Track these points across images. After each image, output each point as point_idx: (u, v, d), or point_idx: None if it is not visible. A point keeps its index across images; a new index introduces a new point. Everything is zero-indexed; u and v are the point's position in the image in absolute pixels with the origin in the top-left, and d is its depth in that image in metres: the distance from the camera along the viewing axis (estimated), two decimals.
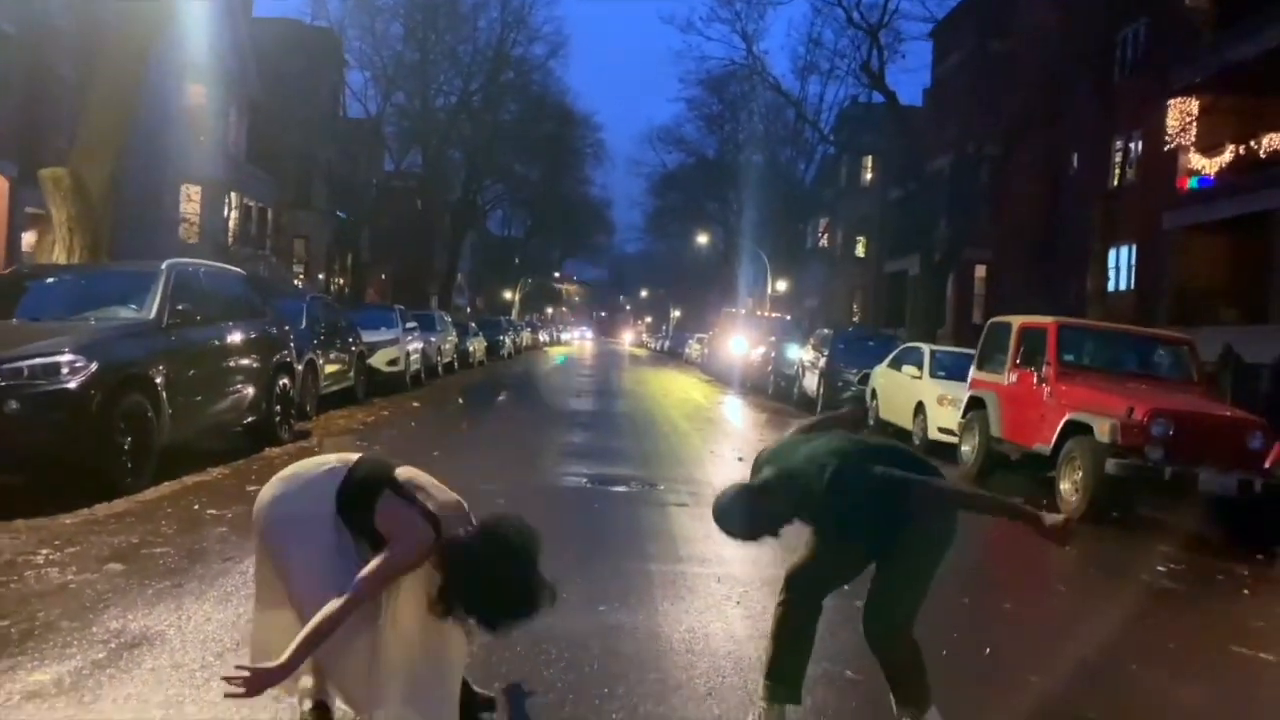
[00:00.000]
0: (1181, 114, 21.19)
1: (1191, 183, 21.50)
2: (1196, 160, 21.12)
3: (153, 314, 7.54)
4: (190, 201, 28.03)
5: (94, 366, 6.44)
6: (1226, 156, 20.42)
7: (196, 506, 6.43)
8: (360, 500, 2.99)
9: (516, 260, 60.81)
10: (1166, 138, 21.37)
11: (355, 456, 3.18)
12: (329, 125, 33.96)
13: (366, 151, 36.90)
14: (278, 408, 9.44)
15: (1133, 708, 3.85)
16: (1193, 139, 21.05)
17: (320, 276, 36.23)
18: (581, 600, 4.76)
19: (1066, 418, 8.63)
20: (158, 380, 7.15)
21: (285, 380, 9.66)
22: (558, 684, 3.65)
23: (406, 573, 2.98)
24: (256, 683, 2.80)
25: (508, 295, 60.41)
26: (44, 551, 5.08)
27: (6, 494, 6.32)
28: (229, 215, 29.89)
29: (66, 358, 6.35)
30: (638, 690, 3.64)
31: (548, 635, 4.16)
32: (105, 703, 3.23)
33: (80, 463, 6.40)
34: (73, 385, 6.29)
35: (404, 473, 3.10)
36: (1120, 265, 24.66)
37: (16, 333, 6.96)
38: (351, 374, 14.01)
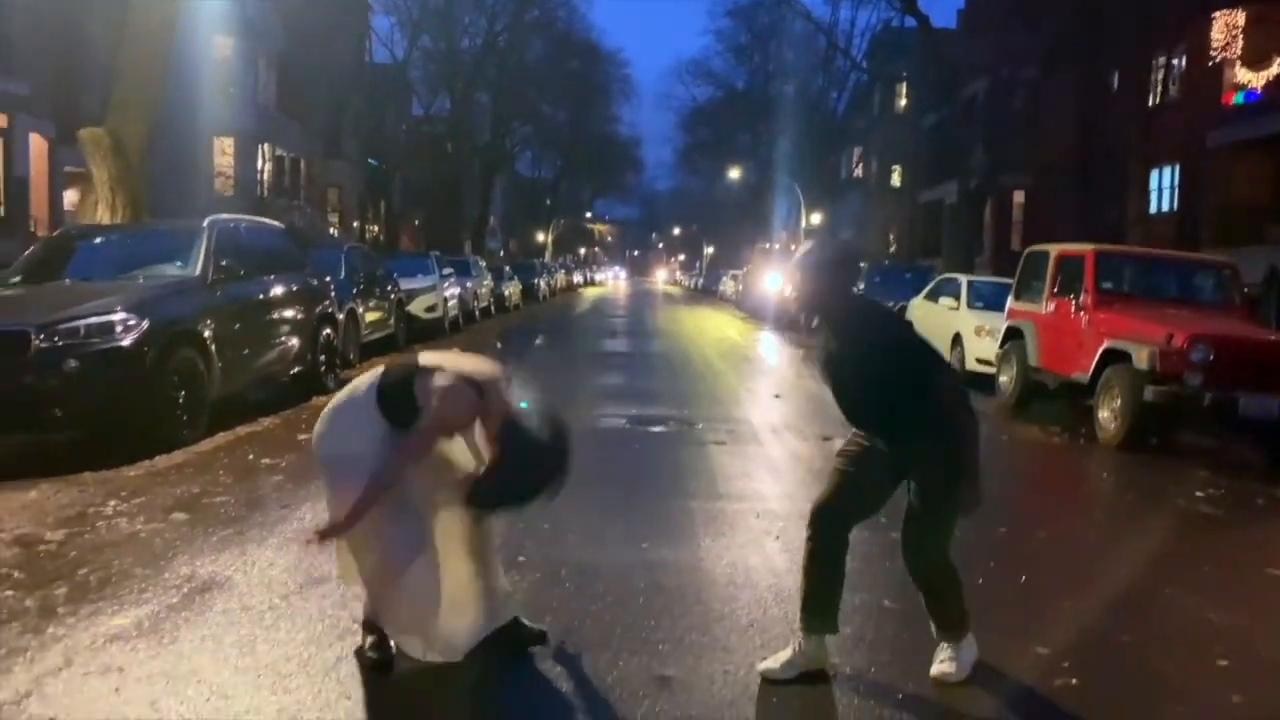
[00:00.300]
0: (1227, 26, 20.49)
1: (1237, 98, 20.87)
2: (1243, 74, 20.47)
3: (198, 271, 7.74)
4: (224, 155, 28.25)
5: (146, 324, 6.65)
6: (1274, 69, 19.77)
7: (251, 456, 6.66)
8: (399, 395, 3.15)
9: (548, 202, 60.65)
10: (1211, 52, 20.71)
11: (381, 368, 3.33)
12: (356, 72, 33.85)
13: (394, 97, 36.79)
14: (322, 357, 9.66)
15: (1166, 631, 3.93)
16: (1239, 52, 20.38)
17: (355, 224, 36.46)
18: (626, 537, 4.93)
19: (1105, 346, 8.59)
20: (206, 335, 7.36)
21: (328, 330, 9.86)
22: (606, 617, 3.81)
23: (450, 431, 3.15)
24: (323, 537, 3.16)
25: (540, 237, 60.40)
26: (112, 503, 5.33)
27: (70, 449, 6.60)
28: (263, 168, 30.08)
29: (119, 316, 6.56)
30: (682, 622, 3.79)
31: (595, 571, 4.34)
32: (183, 644, 3.44)
33: (138, 417, 6.65)
34: (126, 343, 6.51)
35: (429, 358, 3.26)
36: (1162, 186, 24.11)
37: (70, 293, 7.18)
38: (391, 321, 14.24)
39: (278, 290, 8.91)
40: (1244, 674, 3.50)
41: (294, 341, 9.08)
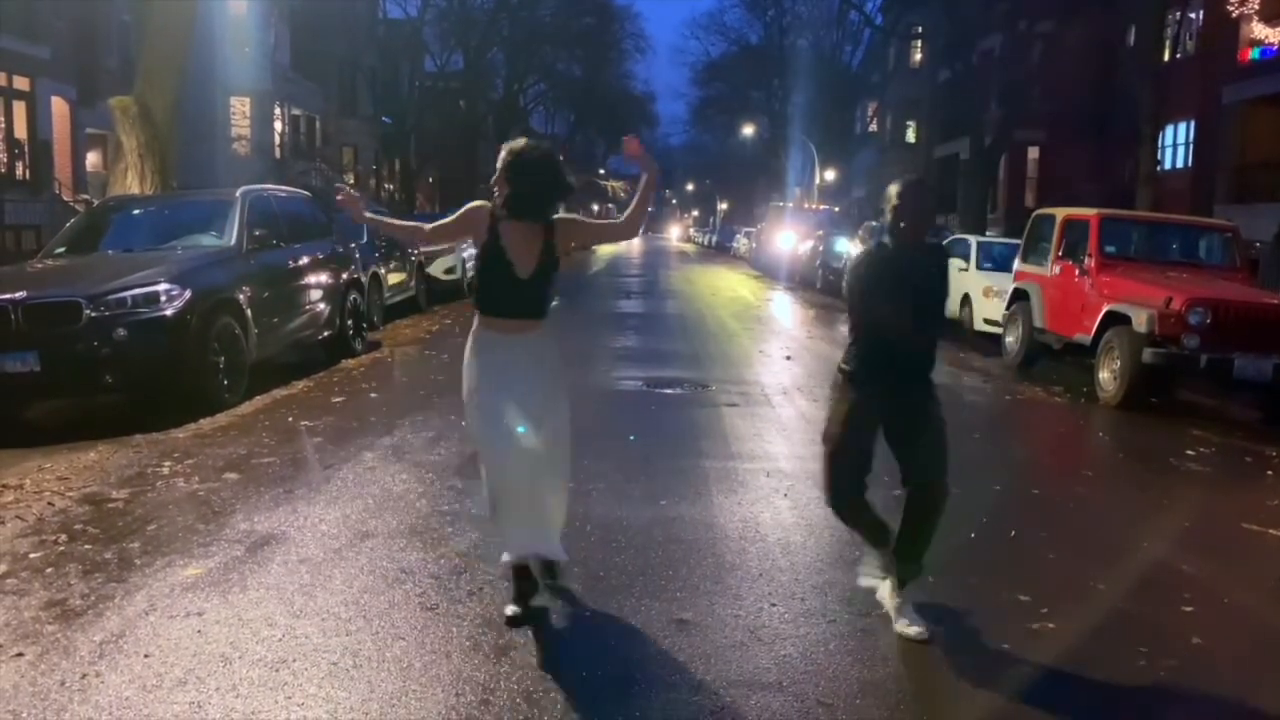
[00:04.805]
0: None
1: (1254, 53, 20.79)
2: (1259, 30, 20.34)
3: (233, 241, 8.10)
4: (242, 117, 28.41)
5: (188, 294, 7.03)
6: None
7: (290, 419, 7.06)
8: None
9: (560, 158, 60.50)
10: (1229, 7, 20.57)
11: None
12: (369, 29, 33.86)
13: (408, 54, 36.80)
14: (349, 322, 10.04)
15: (1139, 580, 4.28)
16: (1256, 7, 20.24)
17: (371, 184, 36.68)
18: (644, 495, 5.31)
19: (1106, 309, 8.87)
20: (243, 303, 7.74)
21: (355, 295, 10.23)
22: (628, 567, 4.19)
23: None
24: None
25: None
26: (166, 463, 5.74)
27: (119, 412, 7.03)
28: (283, 131, 30.24)
29: (163, 287, 6.93)
30: (697, 572, 4.17)
31: (617, 526, 4.73)
32: (251, 591, 3.85)
33: (183, 382, 7.06)
34: (170, 312, 6.89)
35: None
36: (1177, 142, 24.07)
37: (114, 265, 7.55)
38: (412, 284, 14.59)
39: (307, 258, 9.26)
40: (1206, 618, 3.86)
41: (323, 307, 9.45)
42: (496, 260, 3.58)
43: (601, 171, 74.37)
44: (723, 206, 77.77)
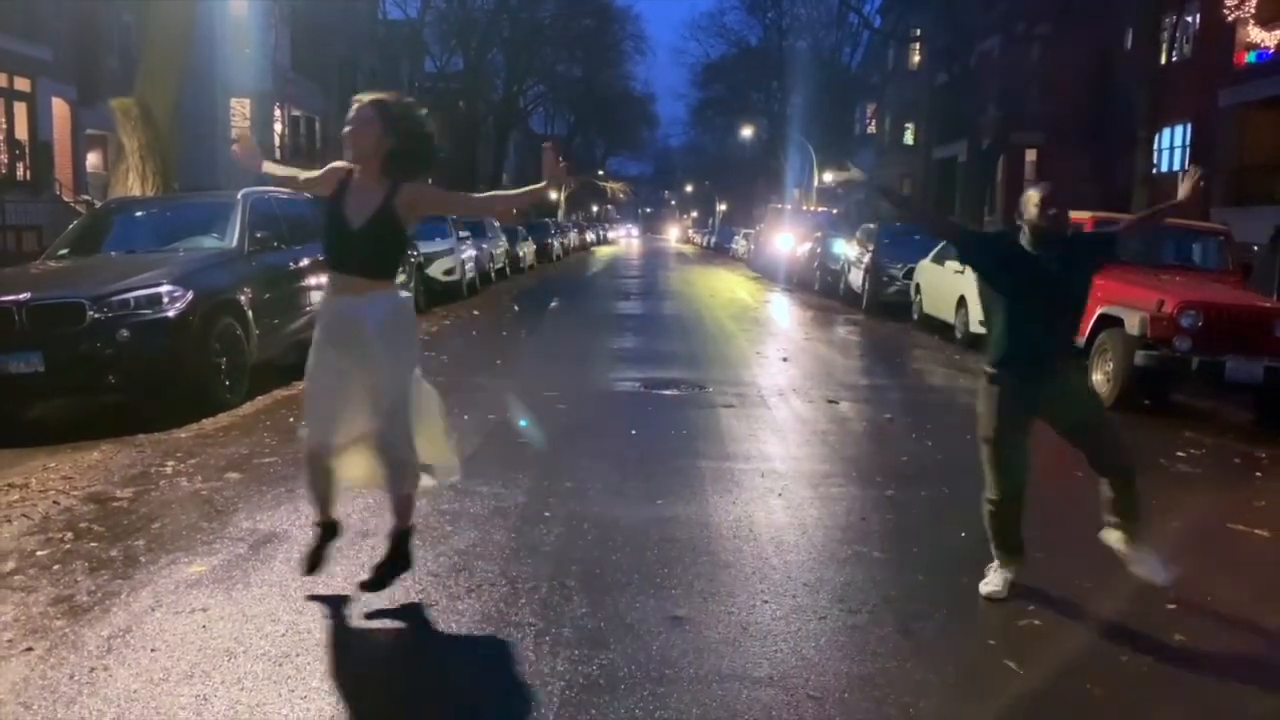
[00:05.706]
0: None
1: (1250, 57, 20.93)
2: (1255, 34, 20.49)
3: (234, 243, 8.18)
4: (242, 118, 28.48)
5: (190, 295, 7.11)
6: None
7: (291, 419, 7.11)
8: None
9: (561, 159, 60.63)
10: (1225, 10, 20.70)
11: None
12: (370, 29, 33.94)
13: (408, 55, 36.89)
14: None
15: (1126, 579, 4.35)
16: (1251, 11, 20.37)
17: None
18: (640, 495, 5.38)
19: (1099, 311, 8.94)
20: (245, 304, 7.82)
21: None
22: (624, 565, 4.27)
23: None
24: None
25: (553, 195, 60.49)
26: (170, 463, 5.82)
27: (122, 412, 7.11)
28: (283, 131, 30.29)
29: (166, 288, 7.02)
30: (692, 570, 4.25)
31: (613, 526, 4.80)
32: (254, 588, 3.92)
33: (185, 382, 7.14)
34: (172, 314, 6.98)
35: None
36: (1174, 145, 24.20)
37: (117, 266, 7.64)
38: (411, 285, 14.64)
39: (308, 259, 9.30)
40: (1188, 617, 3.94)
41: None
42: (334, 212, 3.64)
43: (600, 172, 74.44)
44: (721, 208, 77.84)
